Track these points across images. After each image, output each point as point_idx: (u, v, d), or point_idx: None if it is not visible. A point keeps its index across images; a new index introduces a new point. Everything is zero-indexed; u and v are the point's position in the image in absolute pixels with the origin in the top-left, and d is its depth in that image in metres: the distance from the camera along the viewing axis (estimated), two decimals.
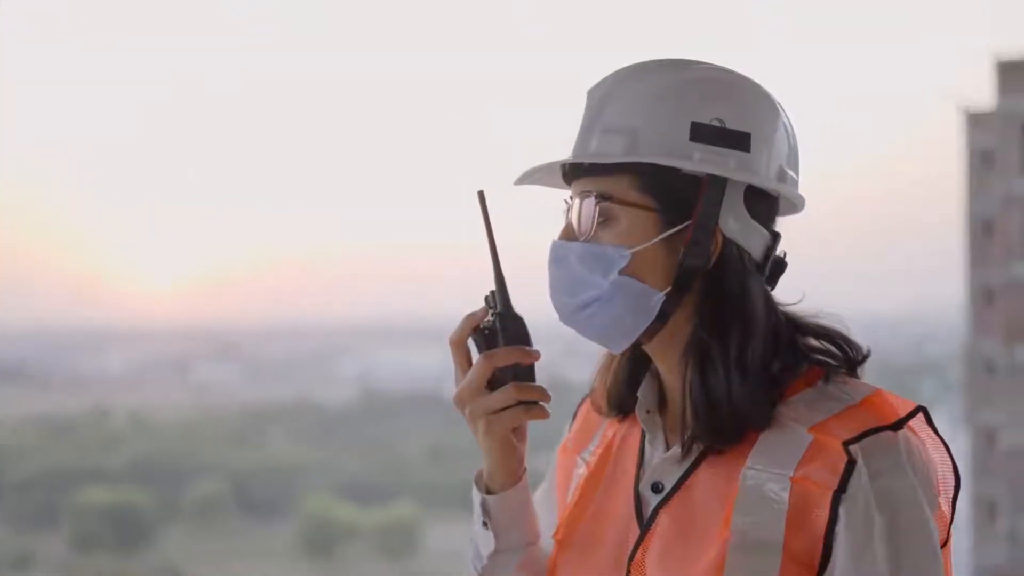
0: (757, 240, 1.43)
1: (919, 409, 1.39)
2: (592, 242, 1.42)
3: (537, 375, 1.48)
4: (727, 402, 1.38)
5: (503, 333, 1.47)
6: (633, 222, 1.41)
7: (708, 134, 1.40)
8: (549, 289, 1.45)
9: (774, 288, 1.46)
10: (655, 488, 1.45)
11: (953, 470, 1.40)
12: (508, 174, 1.49)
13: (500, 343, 1.46)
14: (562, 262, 1.43)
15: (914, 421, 1.38)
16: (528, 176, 1.48)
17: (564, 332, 1.48)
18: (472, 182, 1.51)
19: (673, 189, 1.40)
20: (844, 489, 1.33)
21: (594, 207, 1.41)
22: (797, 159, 1.47)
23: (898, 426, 1.36)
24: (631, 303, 1.41)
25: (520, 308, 1.47)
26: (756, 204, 1.43)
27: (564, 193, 1.47)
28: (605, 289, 1.41)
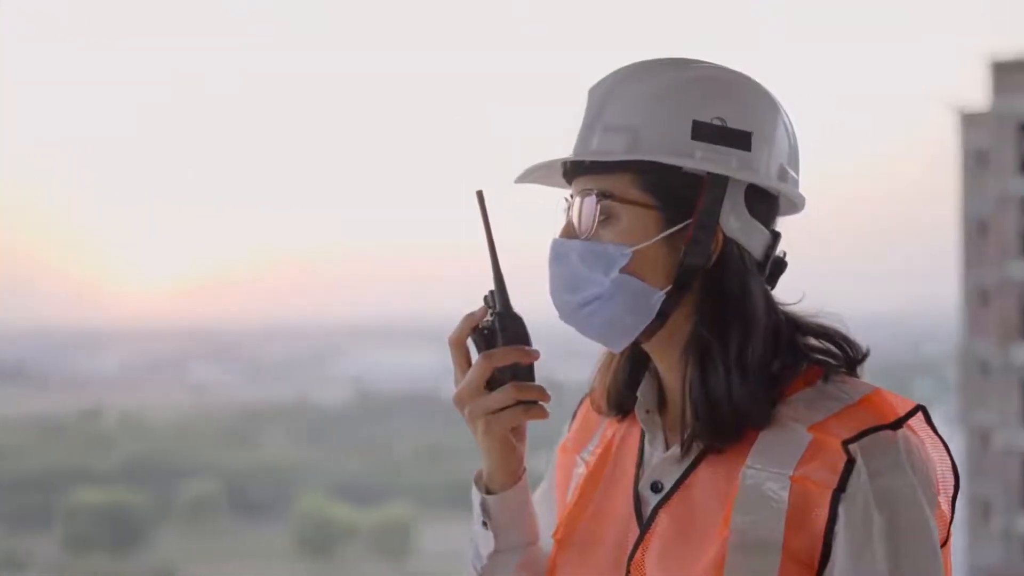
0: (758, 239, 1.43)
1: (918, 408, 1.39)
2: (593, 240, 1.41)
3: (537, 375, 1.48)
4: (727, 401, 1.38)
5: (502, 333, 1.46)
6: (634, 220, 1.41)
7: (709, 133, 1.40)
8: (549, 287, 1.45)
9: (774, 288, 1.46)
10: (655, 487, 1.45)
11: (952, 469, 1.40)
12: (508, 174, 1.49)
13: (499, 343, 1.46)
14: (563, 260, 1.43)
15: (913, 420, 1.38)
16: (528, 174, 1.48)
17: (561, 332, 1.48)
18: (472, 182, 1.51)
19: (674, 188, 1.40)
20: (843, 488, 1.33)
21: (595, 205, 1.41)
22: (797, 158, 1.47)
23: (897, 425, 1.36)
24: (631, 301, 1.41)
25: (519, 308, 1.47)
26: (757, 203, 1.43)
27: (562, 193, 1.47)
28: (606, 287, 1.41)
